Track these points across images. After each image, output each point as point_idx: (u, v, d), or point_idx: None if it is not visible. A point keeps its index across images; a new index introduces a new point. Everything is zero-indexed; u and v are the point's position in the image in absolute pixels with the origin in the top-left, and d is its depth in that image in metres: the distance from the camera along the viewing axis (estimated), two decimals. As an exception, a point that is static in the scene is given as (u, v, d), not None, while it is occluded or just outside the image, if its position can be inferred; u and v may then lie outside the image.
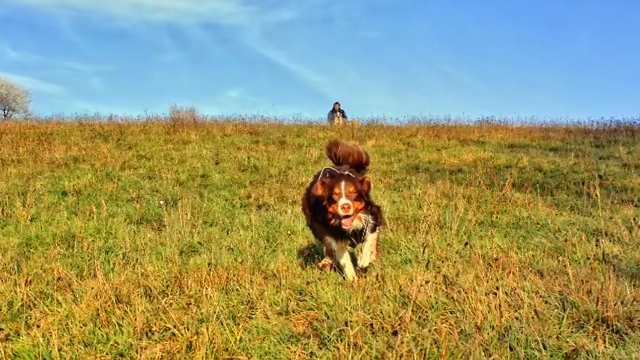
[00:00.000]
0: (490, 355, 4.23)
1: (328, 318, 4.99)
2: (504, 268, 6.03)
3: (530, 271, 6.20)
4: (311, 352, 4.49)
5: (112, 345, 4.70)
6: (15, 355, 4.52)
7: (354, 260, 6.49)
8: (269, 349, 4.59)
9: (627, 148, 17.33)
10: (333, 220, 5.94)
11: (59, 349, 4.55)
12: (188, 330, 4.79)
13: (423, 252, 6.87)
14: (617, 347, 4.41)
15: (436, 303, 5.17)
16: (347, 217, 5.80)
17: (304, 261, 7.09)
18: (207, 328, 4.69)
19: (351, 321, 4.75)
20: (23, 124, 26.82)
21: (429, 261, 6.49)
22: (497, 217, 9.56)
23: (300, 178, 14.04)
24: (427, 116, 28.29)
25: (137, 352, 4.57)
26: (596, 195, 9.05)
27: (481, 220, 9.35)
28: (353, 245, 6.36)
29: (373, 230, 6.21)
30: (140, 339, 4.80)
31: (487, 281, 5.62)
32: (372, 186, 6.19)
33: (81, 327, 4.98)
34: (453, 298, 5.26)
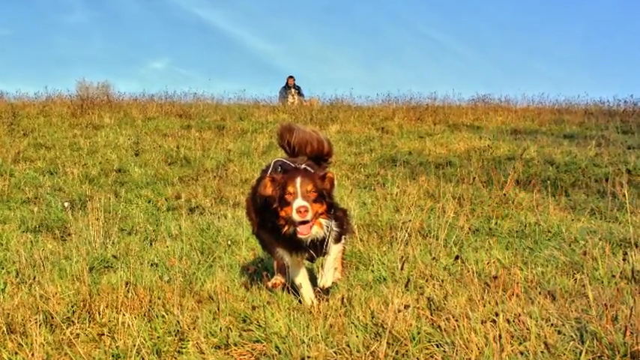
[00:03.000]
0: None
1: (280, 353, 4.98)
2: (506, 288, 6.05)
3: (539, 293, 6.22)
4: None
5: (1, 388, 4.65)
6: None
7: (313, 279, 6.48)
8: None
9: (663, 135, 17.58)
10: (286, 228, 5.91)
11: None
12: (99, 368, 4.75)
13: (402, 268, 6.87)
14: (649, 390, 4.45)
15: (418, 333, 5.16)
16: (304, 223, 5.77)
17: (249, 280, 7.05)
18: (123, 367, 4.64)
19: (309, 357, 4.73)
20: None
21: (409, 280, 6.48)
22: (496, 224, 9.62)
23: (244, 174, 14.03)
24: (407, 94, 28.46)
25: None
26: (624, 195, 9.12)
27: (476, 227, 9.40)
28: (312, 259, 6.35)
29: (338, 240, 6.21)
30: (37, 380, 4.74)
31: (484, 305, 5.63)
32: (335, 183, 6.17)
33: (-39, 365, 4.91)
34: (439, 327, 5.26)
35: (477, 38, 68.19)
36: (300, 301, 6.22)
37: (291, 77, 29.14)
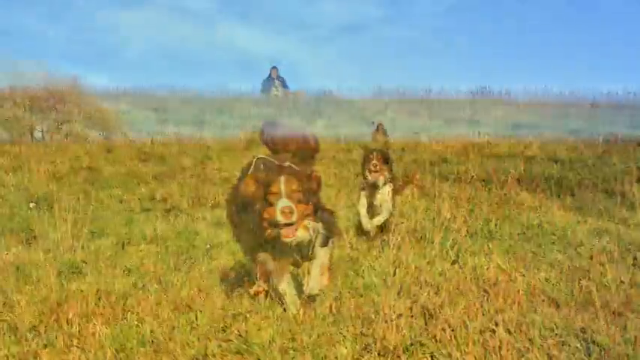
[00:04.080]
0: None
1: (262, 366, 4.95)
2: (506, 296, 6.05)
3: (542, 301, 6.23)
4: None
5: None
6: None
7: (298, 285, 6.46)
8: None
9: (677, 130, 17.62)
10: (269, 230, 5.88)
11: None
12: (67, 382, 4.74)
13: (394, 274, 6.87)
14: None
15: (412, 344, 5.16)
16: (288, 225, 5.74)
17: (229, 287, 7.04)
18: (92, 381, 4.63)
19: (294, 370, 4.72)
20: None
21: (401, 286, 6.48)
22: (496, 226, 9.63)
23: (224, 172, 14.00)
24: (400, 87, 28.41)
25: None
26: (634, 194, 9.15)
27: (474, 229, 9.40)
28: (297, 265, 6.34)
29: (325, 244, 6.19)
30: (2, 394, 4.74)
31: (482, 314, 5.63)
32: (322, 183, 6.15)
33: None
34: (435, 337, 5.25)
35: (476, 27, 68.12)
36: (284, 310, 6.19)
37: (274, 68, 29.14)
